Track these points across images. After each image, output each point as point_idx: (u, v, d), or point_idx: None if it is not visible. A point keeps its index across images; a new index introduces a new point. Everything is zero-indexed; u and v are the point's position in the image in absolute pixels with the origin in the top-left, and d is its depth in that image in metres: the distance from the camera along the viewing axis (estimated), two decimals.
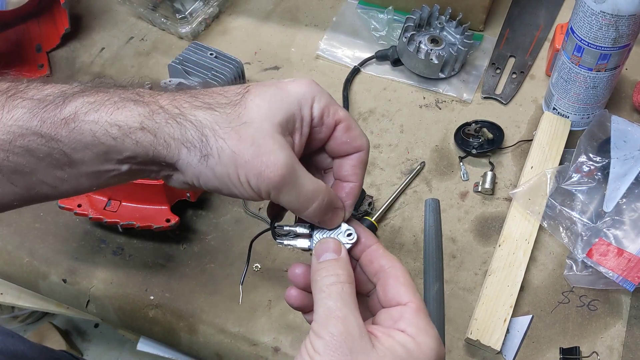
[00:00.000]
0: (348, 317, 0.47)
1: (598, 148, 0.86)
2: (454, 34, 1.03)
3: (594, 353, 0.75)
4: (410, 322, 0.48)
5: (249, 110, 0.49)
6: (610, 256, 0.77)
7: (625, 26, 0.77)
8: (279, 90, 0.50)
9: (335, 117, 0.52)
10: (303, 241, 0.54)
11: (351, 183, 0.53)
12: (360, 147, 0.53)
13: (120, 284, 0.82)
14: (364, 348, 0.46)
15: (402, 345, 0.47)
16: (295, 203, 0.50)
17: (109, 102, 0.48)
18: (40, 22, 1.08)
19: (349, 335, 0.46)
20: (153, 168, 0.50)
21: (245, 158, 0.47)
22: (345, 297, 0.48)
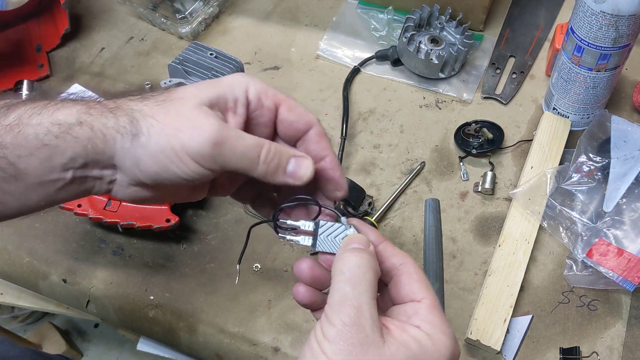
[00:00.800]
0: (362, 307, 0.45)
1: (598, 148, 0.86)
2: (454, 34, 1.03)
3: (594, 353, 0.75)
4: (425, 318, 0.47)
5: (177, 92, 0.50)
6: (610, 256, 0.77)
7: (625, 26, 0.77)
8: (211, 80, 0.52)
9: (275, 99, 0.52)
10: (306, 238, 0.53)
11: (326, 157, 0.53)
12: (310, 121, 0.52)
13: (120, 284, 0.82)
14: (375, 341, 0.44)
15: (416, 341, 0.45)
16: (244, 158, 0.48)
17: (50, 105, 0.49)
18: (40, 22, 1.08)
19: (361, 326, 0.44)
20: (95, 172, 0.50)
21: (173, 127, 0.47)
22: (365, 285, 0.46)
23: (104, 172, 0.50)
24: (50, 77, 1.05)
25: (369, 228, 0.53)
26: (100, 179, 0.51)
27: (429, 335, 0.46)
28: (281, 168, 0.50)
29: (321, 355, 0.44)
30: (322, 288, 0.52)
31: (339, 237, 0.52)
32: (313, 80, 1.03)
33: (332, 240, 0.52)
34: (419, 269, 0.51)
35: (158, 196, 0.53)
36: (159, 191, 0.52)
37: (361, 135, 0.95)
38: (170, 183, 0.49)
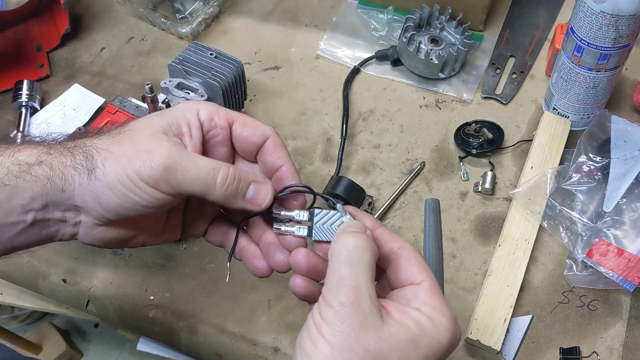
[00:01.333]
0: (360, 287, 0.44)
1: (598, 148, 0.86)
2: (454, 34, 1.03)
3: (594, 353, 0.75)
4: (425, 301, 0.47)
5: (130, 125, 0.51)
6: (610, 256, 0.77)
7: (625, 26, 0.77)
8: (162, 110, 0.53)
9: (227, 117, 0.52)
10: (302, 228, 0.52)
11: (282, 166, 0.53)
12: (265, 133, 0.53)
13: (120, 284, 0.82)
14: (374, 323, 0.44)
15: (416, 323, 0.45)
16: (197, 183, 0.48)
17: (13, 146, 0.49)
18: (40, 22, 1.08)
19: (359, 307, 0.44)
20: (57, 214, 0.50)
21: (127, 156, 0.48)
22: (363, 265, 0.46)
23: (67, 215, 0.50)
24: (50, 77, 1.05)
25: (364, 214, 0.52)
26: (64, 222, 0.51)
27: (429, 317, 0.46)
28: (240, 193, 0.50)
29: (319, 338, 0.43)
30: (319, 278, 0.52)
31: (335, 224, 0.51)
32: (313, 80, 1.03)
33: (328, 228, 0.52)
34: (418, 252, 0.50)
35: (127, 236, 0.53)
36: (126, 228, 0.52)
37: (361, 135, 0.95)
38: (134, 214, 0.49)
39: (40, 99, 1.00)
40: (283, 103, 1.00)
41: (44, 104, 1.00)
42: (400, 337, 0.44)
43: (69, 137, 0.51)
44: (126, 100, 0.86)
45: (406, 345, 0.44)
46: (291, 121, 0.98)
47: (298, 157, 0.93)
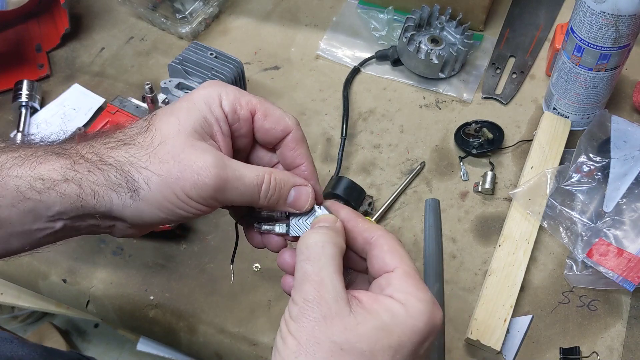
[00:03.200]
0: (324, 280, 0.45)
1: (598, 148, 0.86)
2: (454, 34, 1.03)
3: (594, 353, 0.75)
4: (397, 287, 0.46)
5: (159, 130, 0.48)
6: (610, 256, 0.77)
7: (625, 26, 0.77)
8: (183, 101, 0.50)
9: (249, 107, 0.51)
10: (281, 226, 0.54)
11: (301, 165, 0.53)
12: (287, 127, 0.52)
13: (120, 284, 0.83)
14: (340, 314, 0.43)
15: (388, 310, 0.44)
16: (245, 196, 0.49)
17: (32, 157, 0.48)
18: (40, 22, 1.08)
19: (322, 300, 0.44)
20: (91, 222, 0.49)
21: (173, 176, 0.47)
22: (325, 260, 0.46)
23: (100, 222, 0.50)
24: (51, 77, 1.05)
25: (340, 206, 0.53)
26: (97, 226, 0.50)
27: (402, 303, 0.45)
28: (282, 199, 0.51)
29: (287, 335, 0.44)
30: None
31: (309, 219, 0.52)
32: (313, 80, 1.03)
33: (303, 224, 0.53)
34: (393, 239, 0.49)
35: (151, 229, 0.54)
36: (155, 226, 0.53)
37: (361, 135, 0.95)
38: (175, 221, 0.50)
39: (40, 99, 1.00)
40: (283, 103, 1.00)
41: (44, 104, 1.00)
42: (368, 325, 0.43)
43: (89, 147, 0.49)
44: (126, 100, 0.86)
45: (375, 333, 0.43)
46: None
47: None
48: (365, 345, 0.43)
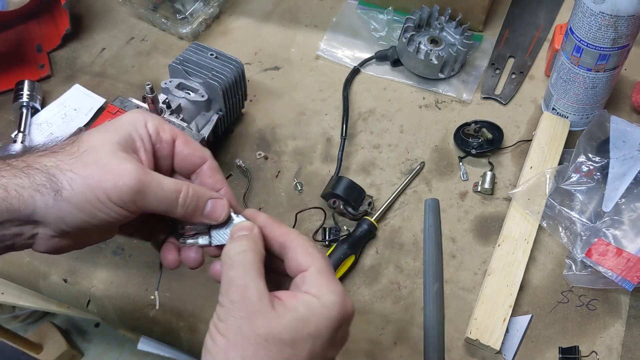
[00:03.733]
0: (248, 284, 0.48)
1: (597, 148, 0.86)
2: (453, 35, 1.03)
3: (593, 352, 0.75)
4: (312, 283, 0.50)
5: (86, 142, 0.51)
6: (609, 256, 0.77)
7: (624, 27, 0.77)
8: (110, 122, 0.54)
9: (171, 132, 0.55)
10: (203, 238, 0.56)
11: (220, 190, 0.57)
12: (205, 156, 0.56)
13: (120, 284, 0.83)
14: (263, 311, 0.47)
15: (304, 304, 0.48)
16: (164, 202, 0.52)
17: None
18: (40, 22, 1.09)
19: (246, 300, 0.48)
20: (14, 230, 0.51)
21: (96, 178, 0.49)
22: (247, 266, 0.50)
23: (24, 229, 0.51)
24: (51, 77, 1.05)
25: (258, 213, 0.56)
26: (20, 235, 0.52)
27: (317, 296, 0.49)
28: (199, 210, 0.54)
29: (216, 334, 0.47)
30: None
31: (229, 228, 0.55)
32: (313, 80, 1.03)
33: (224, 233, 0.56)
34: (305, 240, 0.53)
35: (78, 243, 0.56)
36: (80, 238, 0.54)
37: (361, 135, 0.96)
38: (96, 227, 0.51)
39: (41, 99, 1.00)
40: (283, 103, 1.00)
41: (44, 104, 1.00)
42: (288, 318, 0.47)
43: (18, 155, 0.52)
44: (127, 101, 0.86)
45: (295, 324, 0.47)
46: (291, 121, 0.98)
47: (298, 157, 0.94)
48: (287, 335, 0.47)
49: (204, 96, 0.87)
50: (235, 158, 0.93)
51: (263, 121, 0.98)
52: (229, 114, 0.92)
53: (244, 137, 0.96)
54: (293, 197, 0.90)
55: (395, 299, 0.80)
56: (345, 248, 0.81)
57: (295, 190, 0.90)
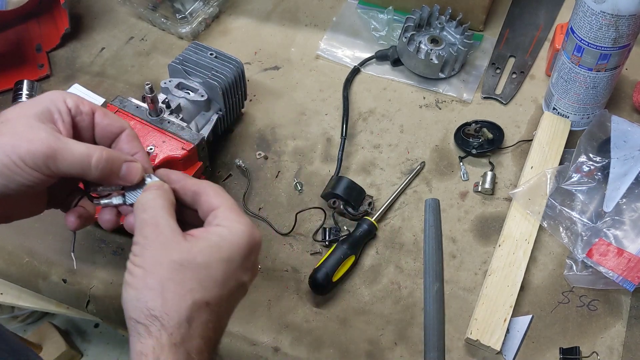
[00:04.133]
0: (159, 221, 0.53)
1: (598, 148, 0.86)
2: (454, 34, 1.03)
3: (594, 353, 0.75)
4: (222, 218, 0.55)
5: (5, 115, 0.55)
6: (610, 256, 0.77)
7: (625, 26, 0.77)
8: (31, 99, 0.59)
9: (90, 106, 0.59)
10: (117, 198, 0.60)
11: (136, 154, 0.60)
12: (122, 126, 0.60)
13: (120, 284, 0.82)
14: (175, 240, 0.52)
15: (216, 234, 0.53)
16: (76, 165, 0.54)
17: None
18: (40, 22, 1.08)
19: (160, 234, 0.52)
20: None
21: (10, 145, 0.52)
22: (158, 208, 0.54)
23: None
24: (51, 77, 1.05)
25: (171, 172, 0.60)
26: None
27: (226, 227, 0.54)
28: (114, 173, 0.57)
29: (134, 268, 0.51)
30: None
31: (142, 188, 0.59)
32: (313, 80, 1.03)
33: (137, 192, 0.59)
34: (215, 185, 0.58)
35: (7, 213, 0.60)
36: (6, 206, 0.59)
37: (361, 135, 0.95)
38: (16, 192, 0.54)
39: None
40: (283, 103, 1.00)
41: None
42: (202, 244, 0.52)
43: None
44: (126, 100, 0.86)
45: (208, 249, 0.52)
46: (291, 121, 0.98)
47: (298, 157, 0.93)
48: (201, 259, 0.51)
49: (204, 96, 0.87)
50: (235, 158, 0.93)
51: (263, 121, 0.98)
52: (229, 114, 0.92)
53: (243, 137, 0.96)
54: (293, 197, 0.89)
55: (395, 299, 0.80)
56: (345, 248, 0.81)
57: (295, 190, 0.90)
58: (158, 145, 0.79)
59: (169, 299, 0.49)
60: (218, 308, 0.52)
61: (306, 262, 0.83)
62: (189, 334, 0.49)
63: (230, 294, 0.53)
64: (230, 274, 0.52)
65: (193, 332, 0.49)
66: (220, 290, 0.52)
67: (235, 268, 0.53)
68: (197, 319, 0.50)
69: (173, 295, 0.49)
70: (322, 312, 0.80)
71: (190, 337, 0.49)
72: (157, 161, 0.77)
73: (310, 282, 0.79)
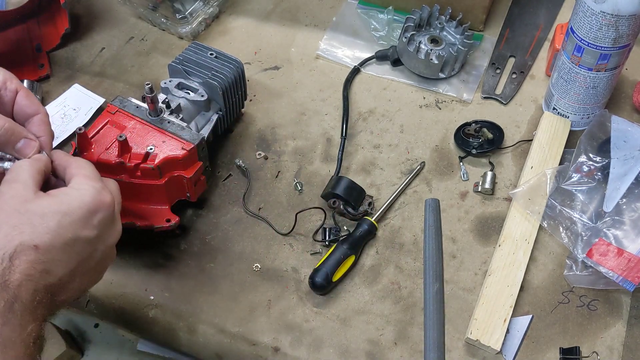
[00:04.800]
0: (17, 179, 0.60)
1: (598, 148, 0.86)
2: (454, 34, 1.03)
3: (594, 353, 0.75)
4: (76, 182, 0.62)
5: None
6: (610, 256, 0.77)
7: (625, 26, 0.77)
8: None
9: (17, 85, 0.67)
10: (8, 163, 0.65)
11: (42, 137, 0.66)
12: (39, 109, 0.67)
13: (120, 284, 0.83)
14: (23, 195, 0.59)
15: (64, 193, 0.60)
16: None
17: None
18: (40, 22, 1.08)
19: (12, 189, 0.59)
20: None
21: None
22: (22, 171, 0.61)
23: None
24: (51, 77, 1.05)
25: (56, 151, 0.67)
26: None
27: (75, 188, 0.61)
28: (11, 144, 0.64)
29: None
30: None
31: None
32: (313, 80, 1.03)
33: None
34: (82, 160, 0.66)
35: None
36: None
37: (361, 135, 0.95)
38: None
39: (40, 99, 1.00)
40: (283, 103, 1.00)
41: (44, 104, 1.00)
42: (44, 200, 0.59)
43: None
44: (126, 100, 0.86)
45: (48, 203, 0.58)
46: (291, 121, 0.98)
47: (298, 157, 0.93)
48: (37, 209, 0.58)
49: (204, 96, 0.87)
50: (235, 158, 0.93)
51: (263, 121, 0.98)
52: (229, 114, 0.92)
53: (243, 137, 0.96)
54: (293, 197, 0.89)
55: (395, 299, 0.80)
56: (345, 248, 0.81)
57: (295, 190, 0.90)
58: (158, 145, 0.79)
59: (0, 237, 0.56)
60: (48, 253, 0.56)
61: (306, 262, 0.83)
62: (10, 269, 0.55)
63: (65, 244, 0.58)
64: (65, 226, 0.58)
65: (15, 268, 0.55)
66: (52, 237, 0.57)
67: (71, 221, 0.58)
68: (22, 257, 0.55)
69: (4, 235, 0.56)
70: (322, 312, 0.80)
71: (12, 272, 0.55)
72: (157, 161, 0.77)
73: (310, 282, 0.79)
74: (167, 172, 0.79)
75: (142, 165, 0.77)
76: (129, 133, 0.80)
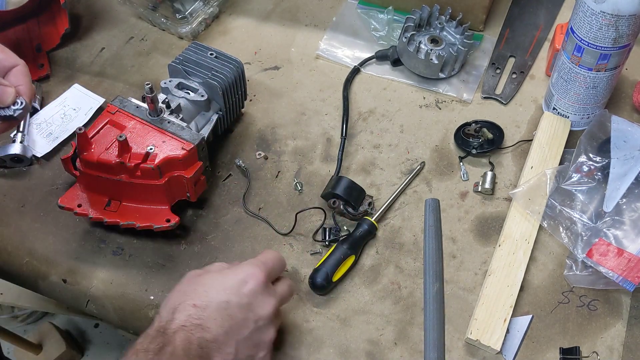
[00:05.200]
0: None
1: (598, 148, 0.86)
2: (454, 34, 1.03)
3: (594, 353, 0.75)
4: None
5: None
6: (610, 256, 0.77)
7: (625, 26, 0.77)
8: None
9: None
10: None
11: (20, 86, 0.69)
12: (16, 62, 0.70)
13: (120, 284, 0.83)
14: (200, 272, 0.68)
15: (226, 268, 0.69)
16: None
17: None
18: (40, 22, 1.08)
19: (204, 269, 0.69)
20: None
21: None
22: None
23: None
24: (51, 77, 1.05)
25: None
26: None
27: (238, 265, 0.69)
28: None
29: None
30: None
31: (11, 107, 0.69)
32: (313, 80, 1.03)
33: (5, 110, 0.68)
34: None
35: None
36: None
37: (361, 135, 0.95)
38: None
39: (40, 99, 1.00)
40: (283, 103, 1.00)
41: (44, 104, 1.00)
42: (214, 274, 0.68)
43: None
44: (126, 100, 0.86)
45: (217, 275, 0.68)
46: (291, 121, 0.98)
47: (298, 157, 0.93)
48: (202, 280, 0.67)
49: (204, 96, 0.87)
50: (235, 158, 0.93)
51: (263, 121, 0.98)
52: (229, 114, 0.92)
53: (243, 137, 0.96)
54: (293, 197, 0.89)
55: (395, 299, 0.80)
56: (345, 248, 0.81)
57: (295, 190, 0.90)
58: (158, 145, 0.79)
59: (170, 299, 0.66)
60: (203, 311, 0.63)
61: (306, 262, 0.83)
62: (172, 321, 0.62)
63: (218, 305, 0.64)
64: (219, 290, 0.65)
65: (175, 319, 0.62)
66: (208, 299, 0.64)
67: (225, 287, 0.66)
68: (183, 311, 0.63)
69: (175, 298, 0.66)
70: (322, 312, 0.80)
71: (172, 322, 0.62)
72: (157, 161, 0.77)
73: (310, 282, 0.79)
74: (167, 172, 0.79)
75: (142, 165, 0.77)
76: (129, 133, 0.80)
